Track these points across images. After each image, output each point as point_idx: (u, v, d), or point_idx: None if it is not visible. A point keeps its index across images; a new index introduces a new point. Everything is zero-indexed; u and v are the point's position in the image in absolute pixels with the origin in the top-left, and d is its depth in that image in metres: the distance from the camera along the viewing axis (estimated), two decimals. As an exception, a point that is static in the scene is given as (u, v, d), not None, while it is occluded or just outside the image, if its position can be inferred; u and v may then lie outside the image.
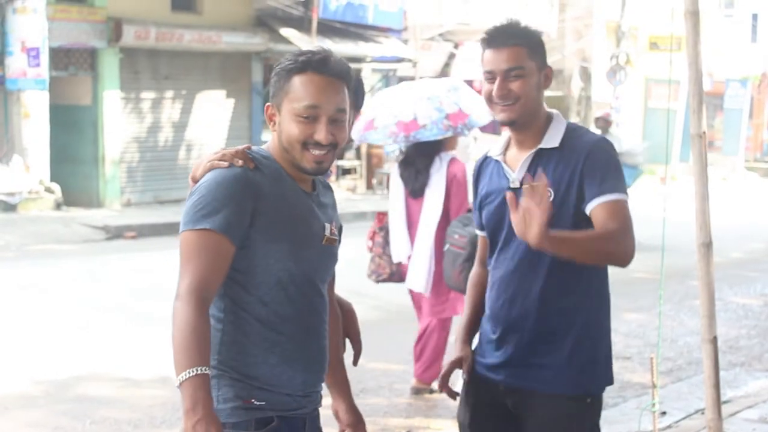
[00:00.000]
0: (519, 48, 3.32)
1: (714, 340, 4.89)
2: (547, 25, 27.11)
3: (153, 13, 19.22)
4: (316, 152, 2.85)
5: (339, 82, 2.88)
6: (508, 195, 3.07)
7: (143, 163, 19.75)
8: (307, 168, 2.88)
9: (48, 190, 17.82)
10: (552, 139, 3.34)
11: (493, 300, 3.45)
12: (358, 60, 22.58)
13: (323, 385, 3.05)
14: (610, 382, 3.46)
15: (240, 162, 2.82)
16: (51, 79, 17.39)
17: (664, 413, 6.77)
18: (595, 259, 3.24)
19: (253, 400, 2.81)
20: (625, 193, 3.28)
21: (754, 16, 37.74)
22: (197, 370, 2.61)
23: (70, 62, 18.44)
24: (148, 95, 19.71)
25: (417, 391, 7.18)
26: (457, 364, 3.52)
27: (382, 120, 7.05)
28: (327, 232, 2.96)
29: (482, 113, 6.93)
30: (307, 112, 2.83)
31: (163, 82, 19.95)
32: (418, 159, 7.02)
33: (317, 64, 2.85)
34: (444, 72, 26.08)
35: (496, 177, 3.44)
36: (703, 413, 5.89)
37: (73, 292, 10.77)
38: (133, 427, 6.55)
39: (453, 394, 3.53)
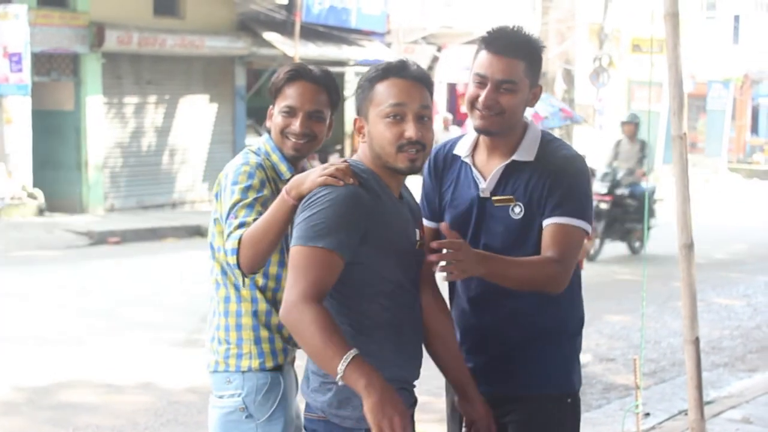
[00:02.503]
0: (518, 62, 3.20)
1: (696, 341, 4.90)
2: (529, 28, 27.15)
3: (135, 18, 19.18)
4: (410, 151, 2.95)
5: (419, 84, 3.01)
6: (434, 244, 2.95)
7: (126, 169, 19.69)
8: (402, 168, 2.98)
9: (31, 195, 17.75)
10: (526, 152, 3.24)
11: (462, 308, 3.40)
12: (341, 63, 22.59)
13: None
14: (581, 382, 3.46)
15: (350, 180, 2.91)
16: (33, 84, 17.32)
17: (647, 414, 6.78)
18: (528, 287, 3.17)
19: None
20: (584, 219, 3.20)
21: (736, 18, 37.88)
22: (352, 353, 2.70)
23: (52, 67, 18.38)
24: (130, 100, 19.65)
25: None
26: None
27: None
28: (418, 237, 3.10)
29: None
30: (394, 110, 2.94)
31: (145, 87, 19.89)
32: None
33: (397, 70, 3.00)
34: (427, 75, 26.09)
35: (464, 181, 3.34)
36: (686, 414, 5.90)
37: (56, 298, 10.73)
38: (116, 434, 6.53)
39: None
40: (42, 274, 12.30)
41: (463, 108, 3.21)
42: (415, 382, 3.17)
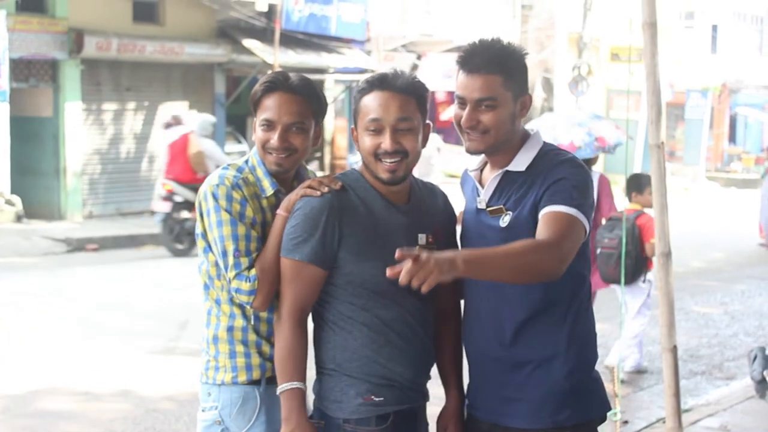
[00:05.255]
0: (493, 77, 3.13)
1: (674, 349, 4.93)
2: (509, 36, 27.26)
3: (115, 25, 19.12)
4: (387, 161, 3.13)
5: (401, 94, 3.15)
6: (398, 253, 2.78)
7: (105, 175, 19.61)
8: (383, 177, 3.16)
9: (8, 202, 17.65)
10: (520, 162, 3.19)
11: (463, 328, 3.34)
12: (321, 71, 22.58)
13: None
14: (589, 413, 3.23)
15: (326, 189, 3.13)
16: (11, 90, 17.24)
17: (625, 422, 6.80)
18: (522, 275, 2.98)
19: (372, 397, 3.15)
20: (578, 209, 3.06)
21: (714, 27, 38.14)
22: (291, 385, 3.09)
23: (30, 74, 18.29)
24: (109, 107, 19.58)
25: None
26: None
27: None
28: (422, 242, 3.20)
29: (617, 134, 8.46)
30: (372, 125, 3.13)
31: (125, 94, 19.83)
32: None
33: (377, 82, 3.17)
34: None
35: (471, 194, 3.32)
36: (664, 422, 5.93)
37: (34, 305, 10.67)
38: (94, 442, 6.49)
39: None
40: (19, 281, 12.24)
41: (443, 116, 3.09)
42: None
